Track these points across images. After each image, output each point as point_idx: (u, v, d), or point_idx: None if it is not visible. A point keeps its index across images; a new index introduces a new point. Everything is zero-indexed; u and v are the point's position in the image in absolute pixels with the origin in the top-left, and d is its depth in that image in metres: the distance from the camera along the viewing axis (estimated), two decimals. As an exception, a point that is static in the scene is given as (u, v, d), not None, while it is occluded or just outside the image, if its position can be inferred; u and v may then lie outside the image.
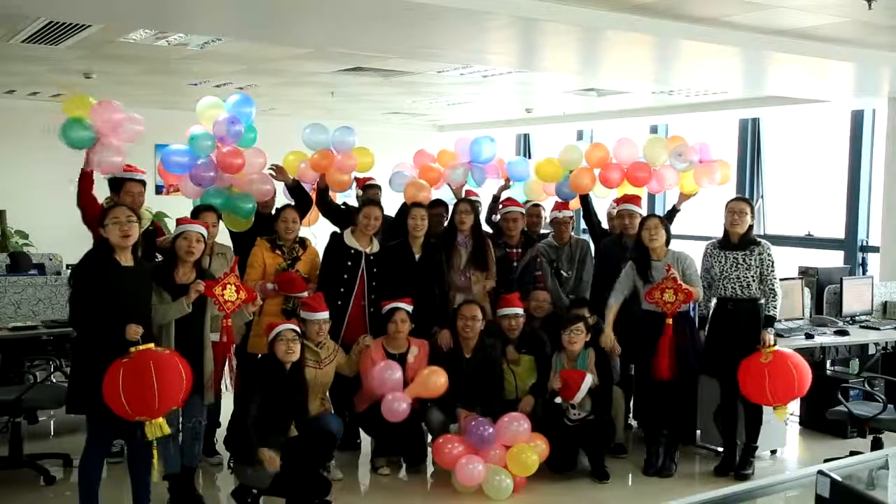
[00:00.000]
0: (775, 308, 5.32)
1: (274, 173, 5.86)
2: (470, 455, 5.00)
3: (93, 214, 4.91)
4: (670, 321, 5.24)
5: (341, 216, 6.02)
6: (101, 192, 5.25)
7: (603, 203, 6.73)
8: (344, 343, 5.36)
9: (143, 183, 5.29)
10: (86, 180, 5.17)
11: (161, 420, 4.04)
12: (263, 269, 5.31)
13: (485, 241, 5.78)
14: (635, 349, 5.62)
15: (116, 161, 5.21)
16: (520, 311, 5.56)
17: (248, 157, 5.61)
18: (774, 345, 5.19)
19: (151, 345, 4.09)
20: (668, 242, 5.45)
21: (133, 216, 4.20)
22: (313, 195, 6.08)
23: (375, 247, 5.55)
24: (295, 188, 5.90)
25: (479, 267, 5.72)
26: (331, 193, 6.10)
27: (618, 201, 6.25)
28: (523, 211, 6.13)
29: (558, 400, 5.21)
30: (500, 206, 6.21)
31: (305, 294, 5.26)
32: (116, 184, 5.23)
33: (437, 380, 5.15)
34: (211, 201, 5.42)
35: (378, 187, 6.31)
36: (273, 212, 5.75)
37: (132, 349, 4.02)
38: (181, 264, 4.53)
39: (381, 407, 5.09)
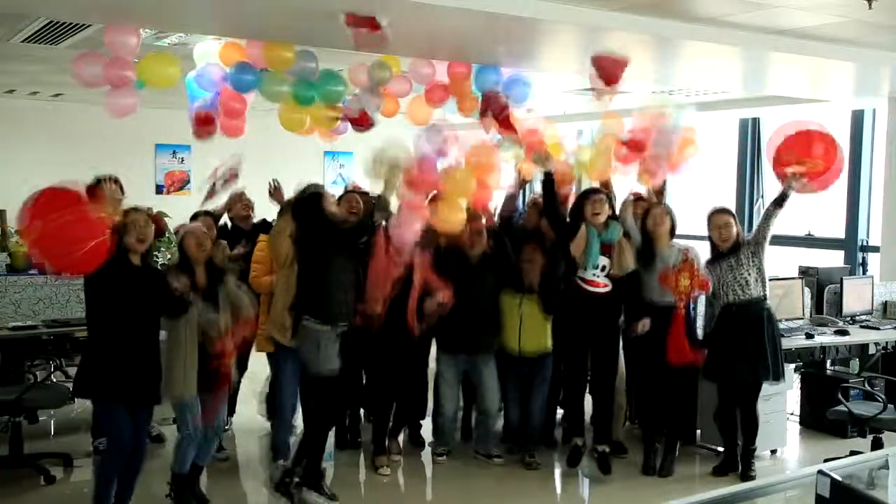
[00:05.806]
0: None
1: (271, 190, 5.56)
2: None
3: None
4: (682, 309, 5.21)
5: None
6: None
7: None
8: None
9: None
10: None
11: None
12: (271, 263, 5.25)
13: None
14: (636, 343, 5.51)
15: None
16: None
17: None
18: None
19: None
20: (672, 233, 5.45)
21: (150, 222, 4.41)
22: None
23: None
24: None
25: None
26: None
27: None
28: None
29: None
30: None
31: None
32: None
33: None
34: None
35: (367, 194, 5.67)
36: (251, 227, 5.78)
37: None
38: (195, 266, 4.58)
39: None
